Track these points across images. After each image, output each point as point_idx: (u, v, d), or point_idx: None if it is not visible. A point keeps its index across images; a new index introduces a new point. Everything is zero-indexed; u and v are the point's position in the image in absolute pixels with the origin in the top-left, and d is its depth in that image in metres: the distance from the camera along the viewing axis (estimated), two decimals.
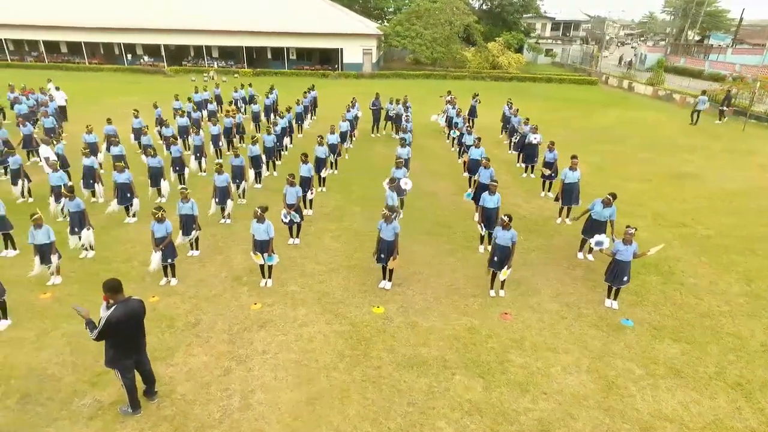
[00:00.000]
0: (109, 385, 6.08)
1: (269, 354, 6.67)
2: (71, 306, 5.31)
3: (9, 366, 6.40)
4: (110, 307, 5.31)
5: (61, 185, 10.76)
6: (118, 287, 5.17)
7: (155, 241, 8.11)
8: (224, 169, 10.72)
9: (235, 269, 8.97)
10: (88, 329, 5.15)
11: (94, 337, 5.09)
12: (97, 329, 5.04)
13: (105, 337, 5.12)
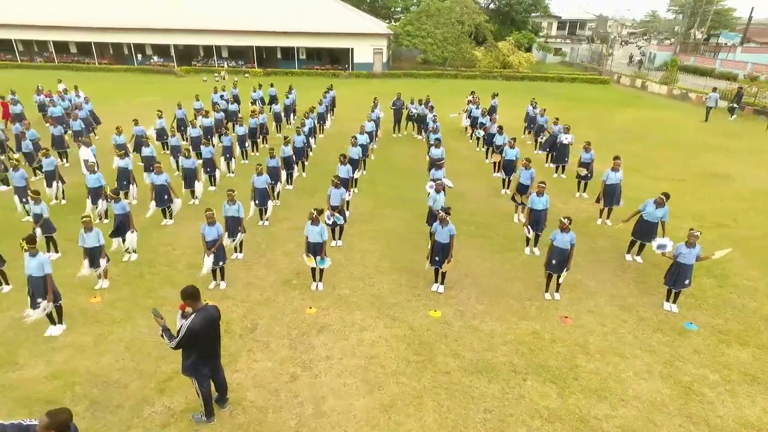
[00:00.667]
0: (176, 392, 5.98)
1: (333, 359, 6.57)
2: (151, 311, 5.18)
3: (71, 371, 6.30)
4: (187, 316, 5.22)
5: (99, 187, 10.70)
6: (197, 294, 5.07)
7: (207, 244, 8.00)
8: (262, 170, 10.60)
9: (282, 272, 8.87)
10: (164, 337, 5.04)
11: (173, 346, 4.98)
12: (177, 339, 4.93)
13: (184, 346, 5.01)
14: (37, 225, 9.00)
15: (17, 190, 10.80)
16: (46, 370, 6.32)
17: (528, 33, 46.55)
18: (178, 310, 5.24)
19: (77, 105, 18.27)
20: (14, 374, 6.25)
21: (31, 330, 7.12)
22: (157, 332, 6.85)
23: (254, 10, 39.44)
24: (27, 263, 6.68)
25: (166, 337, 5.02)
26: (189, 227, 10.78)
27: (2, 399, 5.84)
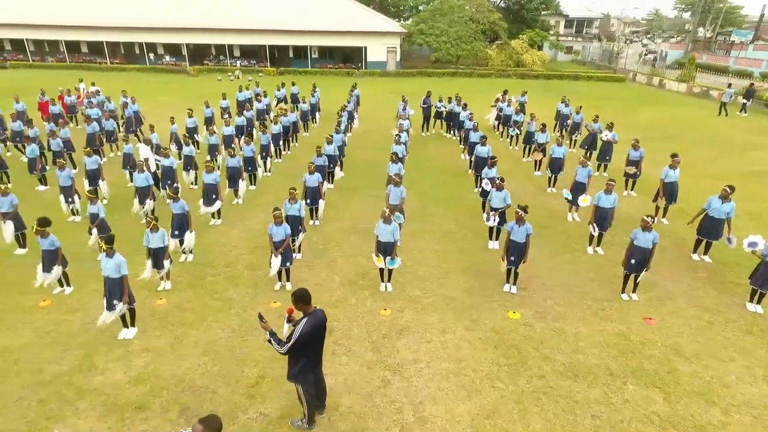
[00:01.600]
0: (268, 398, 5.78)
1: (422, 363, 6.37)
2: (257, 315, 4.98)
3: (155, 376, 6.10)
4: (293, 320, 5.03)
5: (147, 186, 10.50)
6: (309, 298, 4.86)
7: (274, 244, 7.80)
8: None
9: (345, 273, 8.67)
10: (272, 343, 4.83)
11: (284, 352, 4.77)
12: (289, 344, 4.72)
13: (295, 352, 4.80)
14: (93, 225, 8.80)
15: (63, 189, 10.60)
16: (128, 375, 6.12)
17: (541, 31, 46.30)
18: (265, 314, 5.02)
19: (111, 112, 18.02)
20: (96, 379, 6.05)
21: (103, 333, 6.92)
22: (231, 334, 6.73)
23: (267, 9, 39.19)
24: (104, 264, 6.48)
25: (275, 342, 4.81)
26: (239, 227, 10.59)
27: (91, 404, 5.64)
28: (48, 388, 5.91)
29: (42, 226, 7.40)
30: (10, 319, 7.24)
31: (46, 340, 6.78)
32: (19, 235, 9.29)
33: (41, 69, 38.21)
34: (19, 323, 7.15)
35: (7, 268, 8.72)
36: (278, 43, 40.44)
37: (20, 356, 6.46)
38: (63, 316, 7.36)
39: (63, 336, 6.88)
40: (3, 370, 6.18)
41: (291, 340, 4.73)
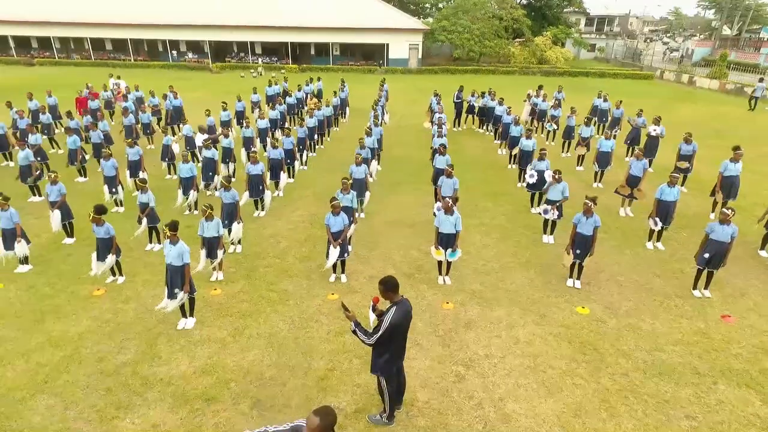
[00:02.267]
0: (340, 391, 5.56)
1: (494, 358, 6.09)
2: (341, 305, 4.75)
3: (221, 367, 5.92)
4: (377, 309, 4.81)
5: (191, 177, 10.38)
6: (398, 286, 4.62)
7: (333, 235, 7.59)
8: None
9: (399, 265, 8.43)
10: (358, 334, 4.59)
11: (372, 342, 4.54)
12: (378, 334, 4.48)
13: (383, 342, 4.56)
14: (143, 214, 8.68)
15: (107, 179, 10.54)
16: (193, 365, 5.95)
17: (565, 28, 45.60)
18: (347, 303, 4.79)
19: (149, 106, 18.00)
20: (161, 369, 5.89)
21: (161, 323, 6.78)
22: (292, 325, 6.54)
23: (289, 6, 39.11)
24: (167, 251, 6.33)
25: (361, 333, 4.57)
26: (284, 219, 10.42)
27: (159, 395, 5.47)
28: (113, 377, 5.77)
29: (98, 214, 7.29)
30: (68, 308, 7.14)
31: (105, 329, 6.65)
32: (67, 225, 9.21)
33: (67, 66, 38.67)
34: (77, 312, 7.04)
35: (59, 258, 8.65)
36: (300, 40, 40.41)
37: (81, 344, 6.33)
38: (118, 305, 7.23)
39: (121, 325, 6.75)
40: (66, 359, 6.05)
41: (379, 330, 4.49)
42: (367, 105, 22.31)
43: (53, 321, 6.84)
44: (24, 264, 8.20)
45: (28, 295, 7.48)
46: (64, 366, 5.94)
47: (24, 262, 8.20)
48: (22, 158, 10.95)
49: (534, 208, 10.86)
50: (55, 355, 6.13)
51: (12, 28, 39.71)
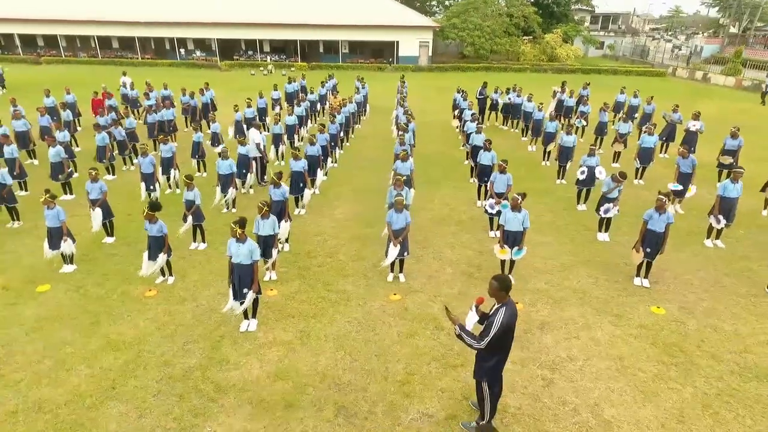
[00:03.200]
0: (425, 397, 5.29)
1: (579, 361, 5.83)
2: (444, 307, 4.49)
3: (294, 372, 5.64)
4: (480, 311, 4.54)
5: (230, 174, 10.10)
6: (511, 287, 4.36)
7: (394, 233, 7.31)
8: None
9: (456, 263, 8.17)
10: (464, 338, 4.32)
11: (483, 346, 4.26)
12: (489, 336, 4.21)
13: (491, 345, 4.29)
14: (189, 212, 8.40)
15: (144, 176, 10.26)
16: (265, 370, 5.67)
17: (575, 25, 45.37)
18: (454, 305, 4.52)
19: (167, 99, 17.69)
20: (232, 374, 5.61)
21: (222, 325, 6.50)
22: (359, 327, 6.28)
23: (298, 3, 38.73)
24: (235, 250, 6.04)
25: (467, 337, 4.30)
26: (327, 216, 10.16)
27: (237, 401, 5.19)
28: (182, 382, 5.49)
29: (153, 211, 7.01)
30: (121, 309, 6.86)
31: (164, 332, 6.37)
32: (107, 224, 8.93)
33: (74, 64, 38.27)
34: (132, 313, 6.76)
35: (103, 257, 8.36)
36: (309, 37, 40.08)
37: (142, 348, 6.06)
38: (173, 306, 6.95)
39: (180, 327, 6.47)
40: (130, 363, 5.78)
41: (489, 333, 4.22)
42: (381, 102, 22.11)
43: (109, 323, 6.55)
44: (69, 264, 7.91)
45: (79, 296, 7.19)
46: (130, 371, 5.66)
47: (69, 262, 7.91)
48: (54, 155, 10.65)
49: (580, 205, 10.60)
50: (117, 359, 5.85)
51: (18, 26, 39.30)
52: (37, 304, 6.99)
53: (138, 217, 9.97)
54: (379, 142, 16.52)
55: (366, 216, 10.17)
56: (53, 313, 6.78)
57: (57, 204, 7.61)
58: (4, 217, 9.60)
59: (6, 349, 6.02)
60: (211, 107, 17.27)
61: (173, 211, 10.24)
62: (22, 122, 13.18)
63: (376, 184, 12.09)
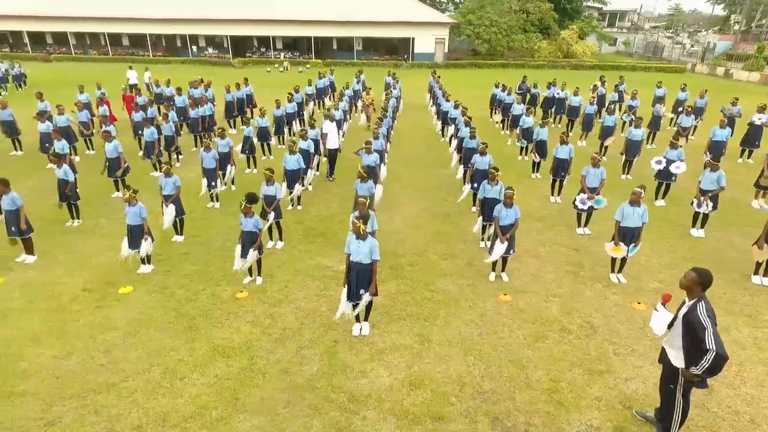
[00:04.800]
0: (581, 406, 4.86)
1: (731, 365, 5.39)
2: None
3: (429, 380, 5.20)
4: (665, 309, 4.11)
5: (298, 170, 9.65)
6: (711, 281, 3.94)
7: (501, 228, 6.88)
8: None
9: (556, 263, 7.75)
10: (709, 371, 3.81)
11: (721, 352, 3.73)
12: (713, 338, 3.72)
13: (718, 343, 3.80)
14: (270, 208, 7.92)
15: (207, 172, 9.79)
16: (396, 378, 5.23)
17: (591, 21, 45.06)
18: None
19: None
20: (362, 382, 5.16)
21: (331, 329, 6.06)
22: (478, 329, 5.88)
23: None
24: (354, 248, 5.59)
25: (710, 367, 3.78)
26: (398, 213, 9.74)
27: (378, 413, 4.75)
28: (311, 392, 5.04)
29: (250, 203, 6.55)
30: (217, 312, 6.40)
31: (271, 336, 5.92)
32: (177, 221, 8.45)
33: (85, 62, 37.70)
34: (229, 316, 6.31)
35: (177, 257, 7.90)
36: (323, 34, 39.59)
37: (253, 354, 5.60)
38: (271, 309, 6.50)
39: (286, 331, 6.02)
40: (245, 370, 5.32)
41: (710, 337, 3.75)
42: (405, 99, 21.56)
43: (207, 327, 6.09)
44: (146, 264, 7.44)
45: (165, 298, 6.73)
46: (249, 379, 5.21)
47: (146, 262, 7.44)
48: (111, 150, 10.16)
49: (658, 201, 10.19)
50: (231, 367, 5.39)
51: (27, 23, 38.66)
52: (124, 307, 6.52)
53: (202, 214, 9.56)
54: (421, 138, 16.12)
55: (435, 212, 9.77)
56: (144, 316, 6.32)
57: (138, 200, 7.13)
58: (63, 216, 9.11)
59: (108, 356, 5.55)
60: (247, 102, 16.82)
61: (234, 210, 9.85)
62: (65, 117, 12.70)
63: (432, 180, 11.73)
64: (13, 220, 7.29)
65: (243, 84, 16.68)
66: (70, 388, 5.06)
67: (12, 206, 7.26)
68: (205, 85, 17.22)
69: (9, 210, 7.27)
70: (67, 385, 5.10)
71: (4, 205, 7.26)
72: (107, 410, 4.78)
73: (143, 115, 13.24)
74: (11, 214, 7.28)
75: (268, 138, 13.33)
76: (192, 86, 16.94)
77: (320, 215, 9.73)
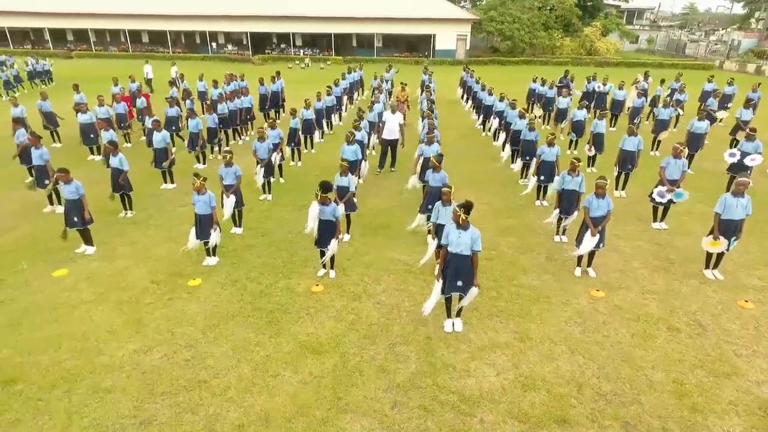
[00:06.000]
0: (716, 411, 4.45)
1: None
2: None
3: (541, 380, 4.82)
4: None
5: (356, 161, 9.31)
6: None
7: (592, 220, 6.49)
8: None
9: (640, 257, 7.34)
10: None
11: None
12: None
13: None
14: (342, 201, 7.56)
15: (261, 162, 9.45)
16: (504, 377, 4.86)
17: (614, 18, 44.38)
18: None
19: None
20: (469, 381, 4.80)
21: (421, 324, 5.70)
22: (577, 327, 5.47)
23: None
24: (456, 238, 5.22)
25: None
26: None
27: (496, 415, 4.38)
28: (417, 391, 4.69)
29: (325, 192, 6.21)
30: (296, 306, 6.07)
31: (359, 332, 5.57)
32: (236, 213, 8.13)
33: (106, 58, 37.70)
34: (309, 311, 5.98)
35: (241, 249, 7.57)
36: (343, 31, 39.23)
37: (344, 351, 5.26)
38: (351, 303, 6.16)
39: (373, 327, 5.67)
40: (339, 368, 4.98)
41: None
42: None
43: (289, 322, 5.76)
44: (211, 256, 7.13)
45: (236, 291, 6.40)
46: (346, 377, 4.86)
47: (212, 254, 7.12)
48: (159, 140, 9.89)
49: None
50: (324, 364, 5.05)
51: (49, 20, 38.76)
52: (197, 300, 6.20)
53: (254, 206, 9.24)
54: (459, 133, 15.70)
55: (497, 206, 9.40)
56: (219, 310, 5.99)
57: (208, 189, 6.81)
58: (115, 207, 8.83)
59: (191, 351, 5.23)
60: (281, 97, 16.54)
61: (284, 202, 9.56)
62: (105, 109, 12.47)
63: (484, 174, 11.36)
64: (76, 209, 7.00)
65: (276, 78, 16.38)
66: (158, 384, 4.75)
67: (75, 195, 6.98)
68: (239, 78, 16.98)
69: (72, 199, 6.98)
70: (155, 381, 4.78)
71: (67, 194, 6.97)
72: (203, 408, 4.45)
73: (178, 111, 12.98)
74: (74, 203, 7.00)
75: (312, 131, 13.02)
76: (226, 81, 16.67)
77: (375, 208, 9.38)
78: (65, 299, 6.17)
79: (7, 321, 5.72)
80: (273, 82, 16.33)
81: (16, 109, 11.87)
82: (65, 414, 4.38)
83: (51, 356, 5.12)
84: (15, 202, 9.40)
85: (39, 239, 7.81)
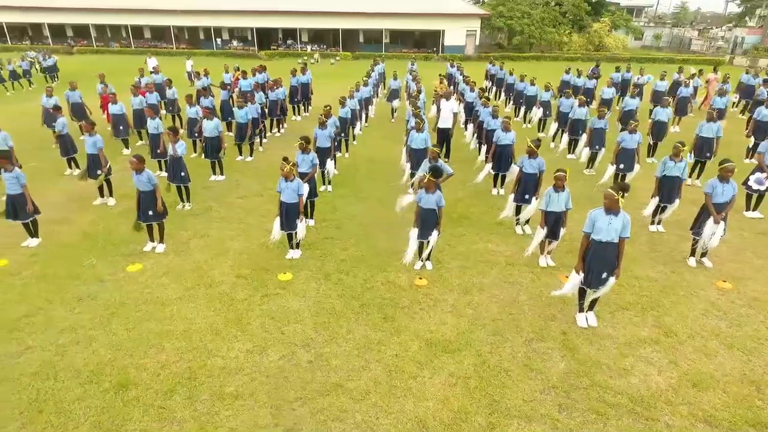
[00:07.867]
0: None
1: None
2: None
3: (708, 378, 4.38)
4: None
5: (424, 149, 8.80)
6: None
7: (716, 207, 6.05)
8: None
9: (753, 247, 6.92)
10: None
11: None
12: None
13: None
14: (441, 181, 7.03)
15: (321, 152, 8.91)
16: (669, 376, 4.42)
17: (622, 14, 44.30)
18: None
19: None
20: (630, 381, 4.34)
21: (550, 319, 5.24)
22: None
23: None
24: (605, 224, 4.75)
25: None
26: None
27: (679, 420, 3.92)
28: (577, 393, 4.23)
29: (436, 177, 5.74)
30: (405, 302, 5.58)
31: (485, 328, 5.12)
32: (308, 203, 7.59)
33: (107, 54, 36.76)
34: (422, 306, 5.50)
35: (323, 242, 7.05)
36: (351, 26, 38.63)
37: (479, 350, 4.80)
38: (463, 297, 5.70)
39: (498, 322, 5.22)
40: (480, 367, 4.53)
41: None
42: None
43: (405, 318, 5.26)
44: (294, 249, 6.59)
45: (336, 285, 5.89)
46: (492, 378, 4.39)
47: (295, 246, 6.59)
48: (211, 129, 9.32)
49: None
50: (461, 363, 4.57)
51: (47, 15, 37.70)
52: (294, 295, 5.68)
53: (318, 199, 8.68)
54: None
55: (576, 195, 8.91)
56: (324, 306, 5.48)
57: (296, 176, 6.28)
58: (170, 198, 8.23)
59: (310, 351, 4.71)
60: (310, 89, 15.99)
61: (343, 193, 9.06)
62: (139, 99, 11.84)
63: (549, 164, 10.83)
64: (151, 201, 6.41)
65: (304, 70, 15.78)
66: (288, 388, 4.23)
67: (149, 186, 6.38)
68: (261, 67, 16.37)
69: (146, 191, 6.38)
70: (283, 385, 4.26)
71: (141, 186, 6.36)
72: (350, 416, 3.94)
73: (212, 101, 12.35)
74: (149, 195, 6.40)
75: (354, 121, 12.51)
76: (255, 73, 16.06)
77: (447, 198, 8.87)
78: (150, 296, 5.61)
79: (95, 319, 5.15)
80: (303, 74, 15.76)
81: (51, 99, 11.20)
82: (195, 423, 3.85)
83: (156, 358, 4.57)
84: (59, 193, 8.79)
85: (96, 233, 7.21)
